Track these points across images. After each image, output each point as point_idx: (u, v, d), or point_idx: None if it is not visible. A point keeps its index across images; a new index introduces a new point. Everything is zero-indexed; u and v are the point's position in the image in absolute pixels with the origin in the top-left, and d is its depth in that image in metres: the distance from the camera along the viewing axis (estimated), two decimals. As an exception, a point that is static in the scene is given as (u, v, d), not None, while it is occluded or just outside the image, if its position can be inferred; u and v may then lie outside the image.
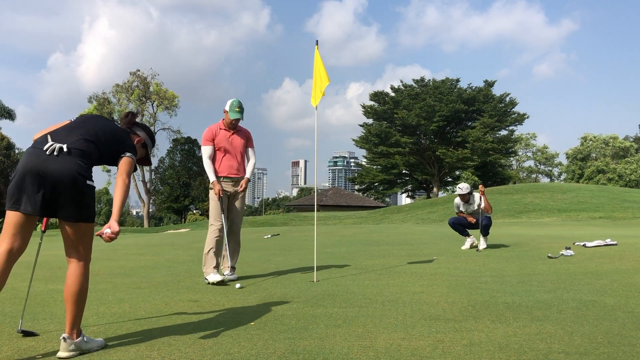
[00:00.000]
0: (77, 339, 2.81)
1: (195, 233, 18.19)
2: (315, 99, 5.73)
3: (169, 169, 62.88)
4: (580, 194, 25.24)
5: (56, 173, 2.69)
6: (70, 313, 2.79)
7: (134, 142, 3.21)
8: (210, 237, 5.39)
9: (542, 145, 77.64)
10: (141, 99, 51.66)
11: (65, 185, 2.70)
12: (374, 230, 14.42)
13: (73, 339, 2.79)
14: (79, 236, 2.82)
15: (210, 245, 5.36)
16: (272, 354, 2.81)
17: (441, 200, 30.32)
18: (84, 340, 2.84)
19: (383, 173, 56.26)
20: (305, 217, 30.88)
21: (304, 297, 4.45)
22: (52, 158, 2.72)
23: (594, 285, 4.80)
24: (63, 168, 2.70)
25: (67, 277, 2.82)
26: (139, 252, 9.28)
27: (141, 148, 3.33)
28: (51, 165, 2.69)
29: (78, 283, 2.80)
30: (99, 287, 5.17)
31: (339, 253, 8.36)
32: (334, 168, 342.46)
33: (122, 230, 25.17)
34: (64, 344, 2.76)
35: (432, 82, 55.64)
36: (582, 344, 2.92)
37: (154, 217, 75.87)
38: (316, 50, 5.73)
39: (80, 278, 2.81)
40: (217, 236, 5.38)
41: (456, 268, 6.20)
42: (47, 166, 2.69)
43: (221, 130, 5.50)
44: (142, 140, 3.31)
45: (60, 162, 2.71)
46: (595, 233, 10.80)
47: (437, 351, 2.82)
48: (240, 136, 5.56)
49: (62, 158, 2.73)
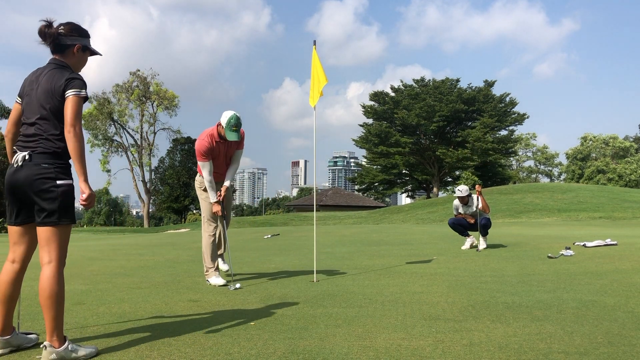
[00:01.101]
0: (60, 348, 2.66)
1: (195, 233, 18.19)
2: (313, 99, 5.73)
3: (169, 169, 62.91)
4: (580, 194, 25.24)
5: (20, 182, 2.74)
6: (46, 319, 2.68)
7: (74, 53, 2.91)
8: (206, 240, 5.32)
9: (542, 145, 77.71)
10: (141, 99, 51.64)
11: (29, 192, 2.73)
12: (374, 230, 14.42)
13: (55, 347, 2.65)
14: (49, 239, 2.73)
15: (208, 248, 5.30)
16: (272, 354, 2.81)
17: (441, 200, 30.33)
18: (68, 349, 2.69)
19: (383, 173, 56.26)
20: (305, 217, 30.89)
21: (304, 297, 4.45)
22: (18, 169, 2.76)
23: (594, 285, 4.80)
24: (27, 176, 2.73)
25: (39, 281, 2.71)
26: (139, 252, 9.28)
27: (82, 53, 2.96)
28: (17, 177, 2.75)
29: (49, 287, 2.67)
30: (99, 287, 5.17)
31: (339, 253, 8.35)
32: (334, 168, 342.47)
33: (122, 230, 25.10)
34: (44, 353, 2.64)
35: (432, 82, 55.65)
36: (582, 344, 2.92)
37: (154, 217, 75.89)
38: (314, 50, 5.73)
39: (51, 281, 2.68)
40: (212, 237, 5.34)
41: (456, 268, 6.20)
42: (16, 179, 2.76)
43: (216, 142, 5.13)
44: (79, 46, 2.93)
45: (23, 172, 2.74)
46: (595, 233, 10.80)
47: (437, 351, 2.82)
48: (234, 145, 5.28)
49: (25, 167, 2.74)
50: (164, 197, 62.55)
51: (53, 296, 2.68)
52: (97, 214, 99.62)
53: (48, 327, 2.68)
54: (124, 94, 51.42)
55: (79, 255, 8.76)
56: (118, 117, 51.65)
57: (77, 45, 2.91)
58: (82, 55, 2.96)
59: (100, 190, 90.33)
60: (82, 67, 3.01)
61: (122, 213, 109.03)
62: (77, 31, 2.93)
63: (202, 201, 5.39)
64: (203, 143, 5.08)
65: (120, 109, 51.41)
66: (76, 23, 2.96)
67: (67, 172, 2.80)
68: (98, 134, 51.00)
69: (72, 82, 2.76)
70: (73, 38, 2.90)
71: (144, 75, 51.95)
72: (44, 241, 2.75)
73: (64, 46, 2.88)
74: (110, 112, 50.66)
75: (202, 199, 5.37)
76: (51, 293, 2.68)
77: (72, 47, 2.90)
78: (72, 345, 2.74)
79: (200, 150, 5.09)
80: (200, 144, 5.10)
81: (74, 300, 4.46)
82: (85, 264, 7.31)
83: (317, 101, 5.73)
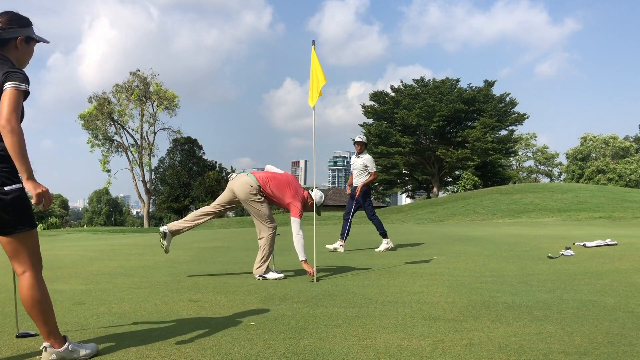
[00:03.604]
0: (60, 348, 2.64)
1: (195, 233, 18.17)
2: (312, 99, 5.73)
3: (169, 169, 62.86)
4: (580, 194, 25.24)
5: None
6: (38, 325, 2.63)
7: (17, 46, 2.68)
8: (271, 239, 5.79)
9: (542, 145, 77.74)
10: (141, 98, 51.63)
11: None
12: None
13: (55, 347, 2.63)
14: (15, 249, 2.59)
15: (272, 247, 5.81)
16: (272, 354, 2.81)
17: (441, 200, 30.32)
18: (68, 349, 2.67)
19: (383, 173, 56.25)
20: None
21: (304, 297, 4.45)
22: None
23: (594, 285, 4.80)
24: None
25: (19, 293, 2.62)
26: (139, 252, 9.28)
27: (26, 45, 2.73)
28: None
29: (30, 297, 2.57)
30: (99, 287, 5.17)
31: (339, 253, 8.35)
32: (334, 168, 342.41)
33: (122, 230, 25.07)
34: (44, 354, 2.63)
35: (432, 82, 55.65)
36: (582, 344, 2.91)
37: (154, 217, 75.83)
38: (312, 50, 5.73)
39: (31, 291, 2.58)
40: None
41: (456, 268, 6.19)
42: None
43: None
44: (22, 38, 2.69)
45: None
46: (595, 233, 10.80)
47: (437, 351, 2.82)
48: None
49: None
50: (164, 197, 62.50)
51: (37, 304, 2.60)
52: (97, 214, 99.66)
53: (43, 332, 2.64)
54: (124, 94, 51.40)
55: (79, 255, 8.76)
56: (118, 117, 51.63)
57: (20, 38, 2.67)
58: (26, 47, 2.72)
59: (100, 190, 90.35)
60: (29, 58, 2.78)
61: (122, 213, 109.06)
62: (16, 22, 2.67)
63: (261, 205, 5.75)
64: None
65: (120, 109, 51.39)
66: (14, 12, 2.70)
67: (15, 175, 2.54)
68: (98, 134, 50.99)
69: (11, 74, 2.50)
70: (13, 31, 2.65)
71: (144, 75, 51.94)
72: (10, 252, 2.60)
73: (3, 41, 2.63)
74: (110, 112, 50.64)
75: (261, 202, 5.75)
76: (34, 302, 2.59)
77: (14, 40, 2.65)
78: (72, 345, 2.71)
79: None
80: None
81: (74, 300, 4.46)
82: (85, 264, 7.31)
83: (316, 101, 5.74)
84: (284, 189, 5.72)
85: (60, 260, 7.91)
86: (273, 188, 5.70)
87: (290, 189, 5.75)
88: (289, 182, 5.81)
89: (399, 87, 56.24)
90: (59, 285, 5.29)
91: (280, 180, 5.77)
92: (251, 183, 5.68)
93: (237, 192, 5.71)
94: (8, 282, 5.73)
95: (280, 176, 5.84)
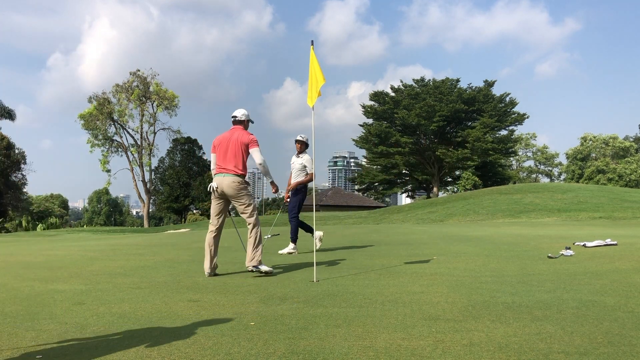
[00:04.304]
0: None
1: (195, 233, 18.18)
2: (311, 99, 5.74)
3: (169, 169, 62.88)
4: (580, 194, 25.23)
5: None
6: None
7: None
8: (258, 230, 5.95)
9: (542, 145, 77.78)
10: (141, 99, 51.66)
11: None
12: (374, 230, 14.42)
13: None
14: None
15: (261, 237, 5.94)
16: (272, 354, 2.81)
17: (441, 200, 30.32)
18: None
19: (383, 173, 56.29)
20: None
21: (304, 297, 4.45)
22: None
23: (594, 285, 4.80)
24: None
25: None
26: (139, 252, 9.28)
27: None
28: None
29: None
30: (99, 287, 5.17)
31: (339, 253, 8.35)
32: (334, 168, 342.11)
33: (122, 230, 25.12)
34: None
35: (432, 82, 55.69)
36: (582, 344, 2.91)
37: (154, 217, 75.85)
38: (312, 50, 5.74)
39: None
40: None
41: (456, 268, 6.19)
42: None
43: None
44: None
45: None
46: (595, 233, 10.80)
47: (437, 351, 2.82)
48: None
49: None
50: (164, 197, 62.54)
51: None
52: (97, 214, 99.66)
53: None
54: (124, 94, 51.44)
55: (79, 255, 8.76)
56: (118, 117, 51.67)
57: None
58: None
59: (101, 190, 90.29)
60: None
61: (122, 213, 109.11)
62: None
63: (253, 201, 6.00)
64: None
65: (120, 109, 51.43)
66: None
67: None
68: (98, 134, 51.04)
69: None
70: None
71: (144, 75, 52.01)
72: None
73: None
74: (110, 112, 50.67)
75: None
76: None
77: None
78: None
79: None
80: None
81: (74, 300, 4.46)
82: (85, 264, 7.31)
83: (316, 101, 5.74)
84: (237, 144, 5.90)
85: (60, 260, 7.91)
86: (235, 152, 5.87)
87: (243, 137, 5.93)
88: (235, 139, 5.93)
89: (399, 87, 56.26)
90: (59, 285, 5.29)
91: (229, 141, 5.93)
92: (234, 179, 5.84)
93: (227, 191, 5.85)
94: (8, 282, 5.73)
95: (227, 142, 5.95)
